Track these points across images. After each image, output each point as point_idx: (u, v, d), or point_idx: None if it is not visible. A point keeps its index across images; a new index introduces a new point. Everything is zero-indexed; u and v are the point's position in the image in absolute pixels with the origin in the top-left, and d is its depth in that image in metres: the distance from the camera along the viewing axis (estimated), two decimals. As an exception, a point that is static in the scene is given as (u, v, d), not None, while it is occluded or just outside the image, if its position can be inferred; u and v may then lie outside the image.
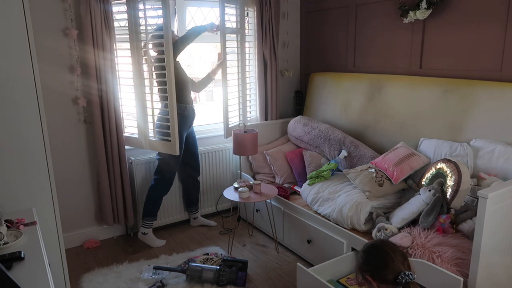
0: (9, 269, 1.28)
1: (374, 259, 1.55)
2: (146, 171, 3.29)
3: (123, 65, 3.07)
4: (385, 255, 1.52)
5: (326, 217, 2.69)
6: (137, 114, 3.07)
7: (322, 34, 3.81)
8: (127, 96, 3.12)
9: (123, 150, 3.10)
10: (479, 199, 1.81)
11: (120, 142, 3.07)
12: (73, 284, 2.61)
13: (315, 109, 3.75)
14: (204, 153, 3.53)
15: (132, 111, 3.15)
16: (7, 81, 1.79)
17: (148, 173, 3.30)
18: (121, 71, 3.06)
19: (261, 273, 2.78)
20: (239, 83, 3.46)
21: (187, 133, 3.21)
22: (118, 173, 3.10)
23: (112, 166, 3.07)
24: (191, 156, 3.32)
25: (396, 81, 3.06)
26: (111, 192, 3.12)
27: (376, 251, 1.56)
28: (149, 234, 3.17)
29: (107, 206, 3.13)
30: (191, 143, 3.29)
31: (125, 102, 3.13)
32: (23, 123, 1.86)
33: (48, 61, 2.82)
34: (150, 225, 3.17)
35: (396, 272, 1.48)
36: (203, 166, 3.53)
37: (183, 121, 3.07)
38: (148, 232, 3.17)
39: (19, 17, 1.78)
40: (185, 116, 3.08)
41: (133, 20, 2.87)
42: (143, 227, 3.17)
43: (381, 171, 2.67)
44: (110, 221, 3.17)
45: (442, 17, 2.79)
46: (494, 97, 2.46)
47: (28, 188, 1.91)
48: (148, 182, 3.30)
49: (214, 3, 3.51)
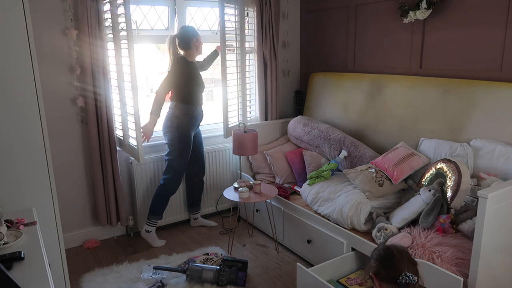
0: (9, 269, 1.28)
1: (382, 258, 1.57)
2: (146, 171, 3.29)
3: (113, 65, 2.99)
4: (391, 255, 1.54)
5: (326, 217, 2.69)
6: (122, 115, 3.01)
7: (322, 34, 3.81)
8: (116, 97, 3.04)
9: (114, 151, 3.09)
10: (479, 199, 1.81)
11: (112, 143, 3.06)
12: (73, 284, 2.61)
13: (315, 109, 3.75)
14: (204, 153, 3.53)
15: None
16: (7, 81, 1.79)
17: (148, 173, 3.30)
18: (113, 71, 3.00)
19: (261, 273, 2.78)
20: (239, 83, 3.46)
21: (194, 134, 3.21)
22: (110, 174, 3.09)
23: (105, 166, 3.07)
24: (197, 156, 3.33)
25: (396, 81, 3.06)
26: (104, 193, 3.12)
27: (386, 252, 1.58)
28: (152, 232, 3.18)
29: (101, 207, 3.13)
30: (197, 143, 3.30)
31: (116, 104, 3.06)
32: (23, 123, 1.86)
33: (48, 61, 2.82)
34: (155, 223, 3.19)
35: (398, 272, 1.49)
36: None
37: (192, 121, 3.09)
38: (152, 230, 3.18)
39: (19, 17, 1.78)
40: (194, 117, 3.11)
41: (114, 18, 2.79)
42: (147, 225, 3.17)
43: (381, 171, 2.67)
44: (104, 222, 3.17)
45: (442, 17, 2.79)
46: (494, 97, 2.45)
47: (28, 188, 1.91)
48: (148, 182, 3.30)
49: (214, 3, 3.51)
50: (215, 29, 3.62)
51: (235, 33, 3.35)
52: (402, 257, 1.53)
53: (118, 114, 3.06)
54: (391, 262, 1.52)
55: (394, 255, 1.53)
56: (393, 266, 1.51)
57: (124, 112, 2.96)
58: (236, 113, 3.49)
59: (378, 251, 1.61)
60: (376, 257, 1.59)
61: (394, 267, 1.50)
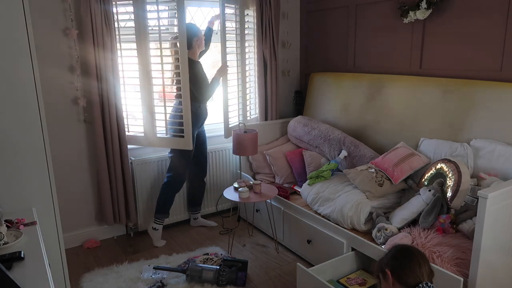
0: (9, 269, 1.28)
1: (403, 258, 1.54)
2: (147, 170, 3.29)
3: (126, 64, 3.09)
4: (415, 260, 1.52)
5: (326, 217, 2.69)
6: (143, 112, 3.08)
7: (322, 34, 3.81)
8: (130, 95, 3.14)
9: (125, 149, 3.10)
10: (479, 199, 1.81)
11: (122, 142, 3.07)
12: (73, 284, 2.61)
13: (315, 109, 3.75)
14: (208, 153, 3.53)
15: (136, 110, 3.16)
16: (7, 81, 1.79)
17: (148, 173, 3.30)
18: (125, 71, 3.08)
19: (261, 273, 2.78)
20: (239, 83, 3.46)
21: (198, 132, 3.22)
22: (119, 173, 3.10)
23: (114, 165, 3.07)
24: (198, 157, 3.31)
25: (396, 81, 3.06)
26: (111, 192, 3.12)
27: (409, 253, 1.56)
28: (158, 231, 3.21)
29: (107, 206, 3.13)
30: (201, 142, 3.30)
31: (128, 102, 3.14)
32: (23, 123, 1.86)
33: (48, 61, 2.82)
34: (161, 221, 3.21)
35: (417, 280, 1.48)
36: (203, 166, 3.52)
37: (195, 119, 3.09)
38: (159, 228, 3.21)
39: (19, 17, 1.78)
40: (198, 114, 3.11)
41: (141, 21, 2.91)
42: (155, 223, 3.19)
43: (381, 171, 2.67)
44: (111, 221, 3.17)
45: (442, 17, 2.79)
46: (494, 97, 2.45)
47: (28, 188, 1.91)
48: (148, 182, 3.30)
49: (214, 3, 3.51)
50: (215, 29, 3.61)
51: (235, 33, 3.35)
52: (425, 266, 1.51)
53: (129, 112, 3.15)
54: (413, 267, 1.50)
55: (418, 260, 1.51)
56: (414, 273, 1.49)
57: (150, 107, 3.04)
58: (236, 113, 3.49)
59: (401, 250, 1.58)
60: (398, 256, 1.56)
61: (415, 274, 1.48)
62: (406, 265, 1.51)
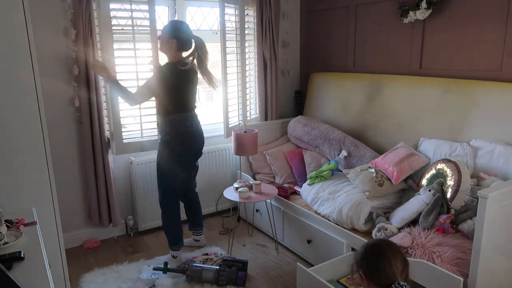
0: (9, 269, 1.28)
1: (372, 259, 1.47)
2: (147, 170, 3.29)
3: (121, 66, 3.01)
4: (384, 259, 1.44)
5: (326, 217, 2.69)
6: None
7: (322, 34, 3.81)
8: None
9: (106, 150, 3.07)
10: (479, 199, 1.81)
11: (103, 142, 3.04)
12: (73, 284, 2.61)
13: (315, 109, 3.75)
14: (204, 153, 3.50)
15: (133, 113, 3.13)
16: (7, 81, 1.79)
17: (148, 173, 3.29)
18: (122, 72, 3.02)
19: (261, 273, 2.78)
20: (239, 83, 3.46)
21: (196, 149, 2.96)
22: (102, 174, 3.07)
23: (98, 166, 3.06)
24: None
25: (396, 81, 3.06)
26: (97, 194, 3.12)
27: (377, 252, 1.48)
28: (178, 258, 2.91)
29: (93, 207, 3.14)
30: None
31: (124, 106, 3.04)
32: (23, 123, 1.86)
33: (48, 61, 2.82)
34: (178, 251, 2.91)
35: (391, 280, 1.40)
36: (202, 166, 3.47)
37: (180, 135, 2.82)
38: (177, 255, 2.91)
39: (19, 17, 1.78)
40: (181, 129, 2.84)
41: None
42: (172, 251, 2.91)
43: (381, 171, 2.67)
44: (97, 222, 3.17)
45: (442, 17, 2.79)
46: (494, 97, 2.45)
47: (28, 188, 1.91)
48: (148, 182, 3.29)
49: (214, 3, 3.51)
50: (215, 29, 3.62)
51: (235, 33, 3.35)
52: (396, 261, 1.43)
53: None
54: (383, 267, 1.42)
55: (387, 258, 1.43)
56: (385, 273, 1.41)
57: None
58: (236, 113, 3.49)
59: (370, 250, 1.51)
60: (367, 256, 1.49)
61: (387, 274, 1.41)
62: (376, 265, 1.44)
